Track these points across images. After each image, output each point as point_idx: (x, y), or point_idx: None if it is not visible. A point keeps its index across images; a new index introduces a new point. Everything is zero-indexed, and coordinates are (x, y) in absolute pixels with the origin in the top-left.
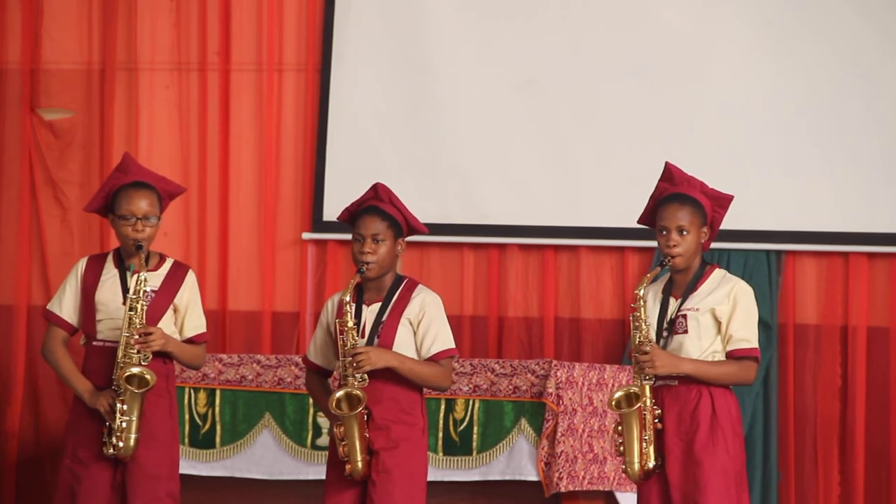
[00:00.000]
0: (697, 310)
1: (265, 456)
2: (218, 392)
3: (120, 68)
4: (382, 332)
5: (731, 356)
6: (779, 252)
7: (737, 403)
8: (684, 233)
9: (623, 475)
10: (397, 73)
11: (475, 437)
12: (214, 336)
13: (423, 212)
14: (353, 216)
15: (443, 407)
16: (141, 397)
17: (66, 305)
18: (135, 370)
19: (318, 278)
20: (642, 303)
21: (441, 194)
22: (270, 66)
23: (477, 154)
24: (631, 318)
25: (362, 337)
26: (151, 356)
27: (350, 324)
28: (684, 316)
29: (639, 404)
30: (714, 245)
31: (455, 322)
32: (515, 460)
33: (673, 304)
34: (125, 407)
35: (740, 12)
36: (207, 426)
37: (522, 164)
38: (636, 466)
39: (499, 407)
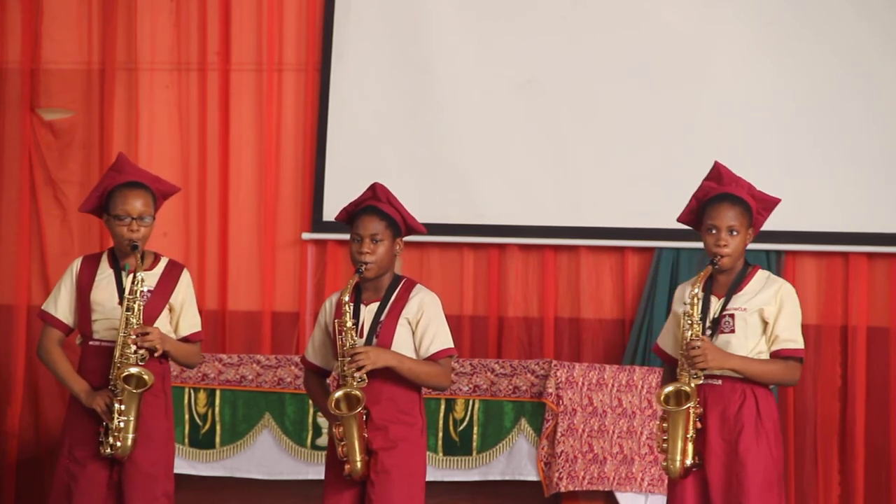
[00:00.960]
0: (745, 310)
1: (265, 456)
2: (218, 392)
3: (120, 68)
4: (381, 332)
5: (777, 356)
6: (779, 252)
7: (776, 405)
8: (734, 233)
9: (622, 475)
10: (397, 73)
11: (475, 437)
12: (214, 336)
13: (423, 212)
14: (351, 216)
15: (442, 407)
16: (138, 397)
17: (61, 306)
18: (133, 370)
19: (318, 278)
20: (696, 300)
21: (441, 194)
22: (270, 65)
23: (477, 154)
24: (682, 315)
25: (361, 337)
26: (148, 356)
27: (349, 324)
28: (731, 315)
29: (689, 405)
30: None
31: (455, 322)
32: (515, 460)
33: (715, 302)
34: (123, 407)
35: (740, 12)
36: (207, 426)
37: (522, 164)
38: (678, 464)
39: (499, 407)
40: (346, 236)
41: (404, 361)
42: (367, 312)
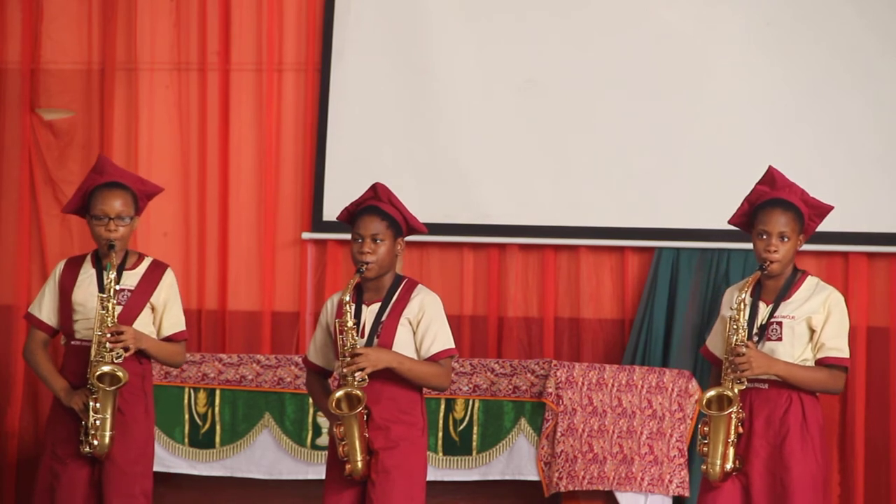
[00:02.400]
0: (793, 318)
1: (265, 456)
2: (218, 392)
3: (120, 68)
4: (382, 332)
5: (822, 363)
6: None
7: (822, 413)
8: (785, 239)
9: (622, 475)
10: (397, 73)
11: (475, 436)
12: (214, 336)
13: (424, 212)
14: (352, 216)
15: (443, 407)
16: (113, 395)
17: (45, 308)
18: (105, 368)
19: (318, 278)
20: (743, 306)
21: (441, 194)
22: (270, 65)
23: (477, 154)
24: (729, 320)
25: (362, 337)
26: (124, 354)
27: (350, 324)
28: (779, 323)
29: (731, 410)
30: (713, 245)
31: (455, 322)
32: (515, 460)
33: (763, 309)
34: (98, 405)
35: (740, 12)
36: (207, 426)
37: (522, 164)
38: (718, 468)
39: (499, 407)
40: (347, 236)
41: (404, 362)
42: (369, 313)
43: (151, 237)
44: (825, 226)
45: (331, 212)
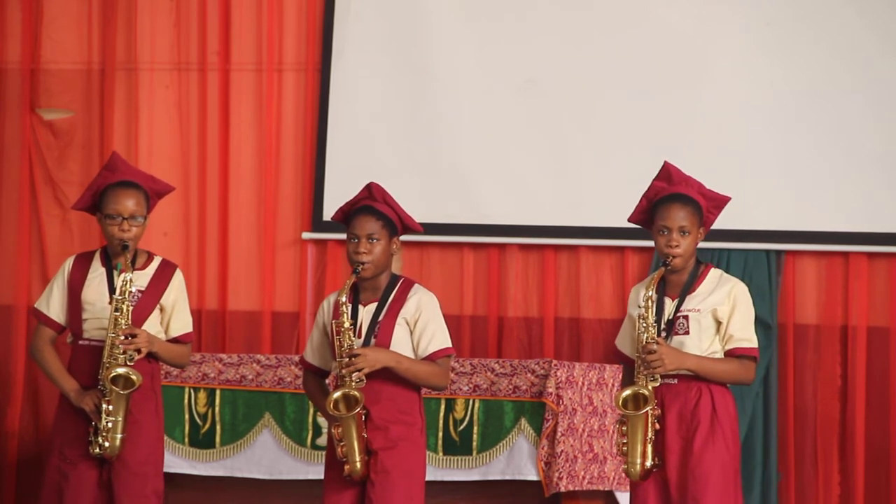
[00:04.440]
0: (699, 311)
1: (265, 456)
2: (218, 392)
3: (120, 68)
4: (379, 333)
5: (732, 355)
6: (779, 252)
7: (734, 402)
8: (685, 233)
9: (622, 475)
10: (397, 72)
11: (475, 436)
12: (214, 336)
13: (423, 212)
14: (347, 216)
15: (442, 407)
16: (126, 398)
17: (53, 304)
18: (120, 371)
19: (318, 278)
20: (650, 303)
21: (441, 194)
22: (270, 65)
23: (477, 154)
24: (637, 318)
25: (359, 337)
26: (136, 356)
27: (346, 324)
28: (685, 317)
29: (647, 409)
30: (713, 245)
31: (455, 322)
32: (515, 460)
33: (669, 304)
34: (111, 407)
35: (740, 12)
36: (207, 426)
37: (522, 164)
38: (638, 467)
39: (499, 407)
40: (346, 236)
41: (402, 362)
42: (366, 313)
43: (151, 237)
44: (825, 226)
45: (331, 212)
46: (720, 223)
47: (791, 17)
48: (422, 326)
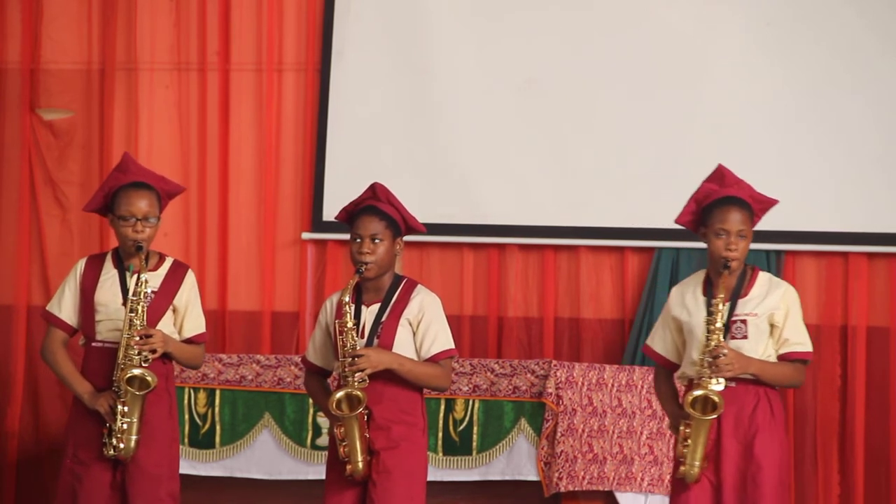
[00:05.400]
0: (756, 315)
1: (265, 456)
2: (218, 392)
3: (120, 68)
4: (382, 333)
5: (786, 359)
6: (779, 252)
7: (784, 405)
8: (743, 237)
9: (622, 475)
10: (397, 72)
11: (475, 437)
12: (214, 336)
13: (423, 212)
14: (350, 216)
15: (443, 407)
16: (142, 399)
17: (65, 306)
18: (136, 372)
19: (318, 278)
20: (718, 307)
21: (441, 194)
22: (270, 65)
23: (477, 154)
24: (705, 322)
25: (362, 338)
26: (151, 357)
27: (349, 324)
28: (743, 321)
29: (716, 414)
30: None
31: (455, 322)
32: (515, 460)
33: (721, 307)
34: (126, 408)
35: (740, 12)
36: (207, 426)
37: (522, 164)
38: (696, 469)
39: (498, 407)
40: (347, 236)
41: (404, 363)
42: (368, 313)
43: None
44: (825, 226)
45: (331, 212)
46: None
47: (791, 17)
48: (424, 327)
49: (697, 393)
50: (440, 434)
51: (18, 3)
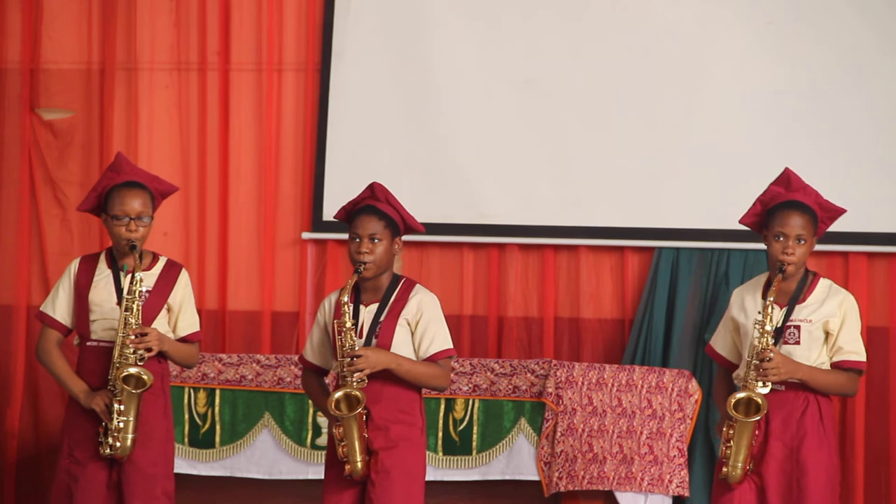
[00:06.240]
0: (811, 322)
1: (265, 456)
2: (217, 392)
3: (120, 68)
4: (380, 333)
5: (839, 366)
6: None
7: (835, 416)
8: (802, 241)
9: (622, 475)
10: (397, 73)
11: (475, 436)
12: (214, 336)
13: (423, 212)
14: (349, 215)
15: (442, 407)
16: (138, 398)
17: (59, 306)
18: (132, 370)
19: (318, 278)
20: (768, 311)
21: (441, 194)
22: (270, 65)
23: (477, 154)
24: (753, 324)
25: (360, 337)
26: (146, 356)
27: (348, 324)
28: (797, 327)
29: (759, 417)
30: (713, 245)
31: (454, 322)
32: (515, 460)
33: (777, 312)
34: (122, 407)
35: (740, 12)
36: (207, 426)
37: (522, 164)
38: (739, 471)
39: (498, 407)
40: (347, 236)
41: (403, 363)
42: (367, 313)
43: (151, 237)
44: None
45: (331, 212)
46: (719, 223)
47: (791, 17)
48: (423, 327)
49: (740, 395)
50: (440, 434)
51: (18, 3)
